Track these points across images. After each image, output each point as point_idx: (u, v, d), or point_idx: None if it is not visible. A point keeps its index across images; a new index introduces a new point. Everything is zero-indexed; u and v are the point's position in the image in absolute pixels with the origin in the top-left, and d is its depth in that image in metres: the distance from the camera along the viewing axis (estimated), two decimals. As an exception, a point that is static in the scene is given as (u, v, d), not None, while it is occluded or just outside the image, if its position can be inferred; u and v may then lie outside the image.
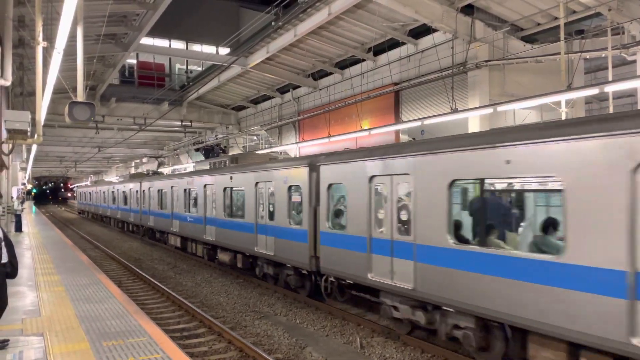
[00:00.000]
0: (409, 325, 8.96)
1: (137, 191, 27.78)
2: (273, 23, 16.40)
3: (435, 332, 8.24)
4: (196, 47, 36.47)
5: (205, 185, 17.52)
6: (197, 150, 32.69)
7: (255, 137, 31.00)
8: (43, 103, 12.46)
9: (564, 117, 11.97)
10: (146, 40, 24.42)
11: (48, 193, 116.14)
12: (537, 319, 6.20)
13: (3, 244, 6.68)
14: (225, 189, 15.94)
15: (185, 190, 19.64)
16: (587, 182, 5.70)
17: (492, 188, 7.45)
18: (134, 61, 33.42)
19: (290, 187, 12.08)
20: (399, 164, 8.60)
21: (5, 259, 6.65)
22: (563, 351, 6.10)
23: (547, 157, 6.15)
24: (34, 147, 28.54)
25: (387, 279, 8.85)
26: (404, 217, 8.51)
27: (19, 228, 25.17)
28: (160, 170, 33.33)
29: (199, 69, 33.88)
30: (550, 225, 6.89)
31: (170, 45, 34.74)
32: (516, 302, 6.46)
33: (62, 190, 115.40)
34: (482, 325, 7.33)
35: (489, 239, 7.21)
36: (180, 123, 31.36)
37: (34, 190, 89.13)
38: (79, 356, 6.31)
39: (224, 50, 29.85)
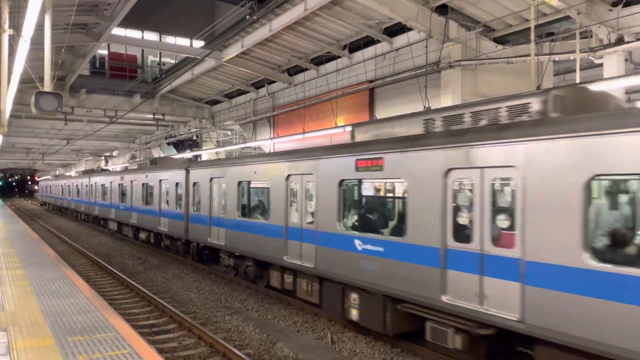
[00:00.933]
0: (233, 271, 14.08)
1: (86, 185, 32.89)
2: (248, 17, 16.22)
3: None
4: (170, 39, 35.93)
5: (131, 181, 22.64)
6: (169, 144, 32.28)
7: (229, 132, 30.72)
8: (9, 93, 12.07)
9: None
10: (118, 31, 23.94)
11: (14, 185, 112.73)
12: (266, 255, 11.62)
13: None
14: (143, 184, 21.08)
15: (119, 184, 24.60)
16: (276, 184, 11.30)
17: (252, 186, 12.97)
18: (105, 52, 32.69)
19: (177, 183, 17.52)
20: (219, 171, 14.30)
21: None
22: (279, 271, 11.52)
23: (265, 171, 11.93)
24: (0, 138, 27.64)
25: (216, 241, 14.29)
26: (222, 202, 14.04)
27: (-18, 221, 24.38)
28: (106, 167, 38.51)
29: (173, 61, 33.36)
30: (266, 205, 12.13)
31: (143, 37, 34.10)
32: (264, 248, 11.72)
33: (29, 183, 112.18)
34: (257, 263, 12.58)
35: (252, 214, 12.91)
36: (152, 116, 30.82)
37: (0, 183, 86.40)
38: (43, 352, 6.18)
39: (198, 43, 29.50)
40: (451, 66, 14.39)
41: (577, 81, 11.65)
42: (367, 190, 9.49)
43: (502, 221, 6.52)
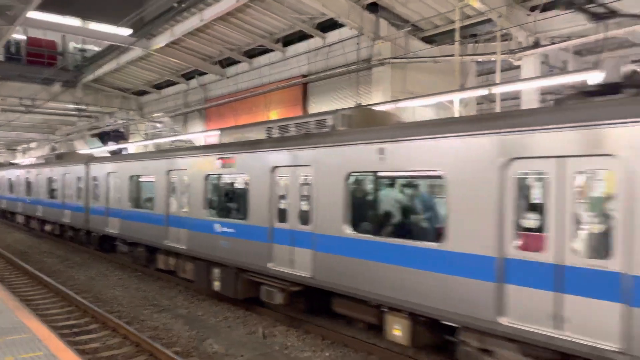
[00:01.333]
0: (131, 258, 14.94)
1: None
2: (176, 5, 15.68)
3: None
4: (93, 25, 33.98)
5: (37, 175, 23.38)
6: (93, 136, 30.69)
7: (158, 124, 29.62)
8: None
9: (457, 115, 12.76)
10: (36, 15, 22.36)
11: None
12: (152, 240, 13.19)
13: None
14: (48, 178, 21.88)
15: (25, 179, 25.27)
16: (159, 178, 12.91)
17: (142, 180, 14.29)
18: (22, 37, 30.47)
19: (78, 177, 18.46)
20: (115, 166, 15.67)
21: None
22: (164, 255, 13.01)
23: (151, 167, 13.44)
24: None
25: (113, 230, 15.54)
26: (118, 195, 15.26)
27: None
28: (14, 161, 38.33)
29: (97, 48, 31.63)
30: (152, 197, 13.40)
31: (63, 22, 32.02)
32: (150, 234, 13.23)
33: None
34: (147, 249, 13.82)
35: (141, 205, 14.29)
36: (74, 106, 29.13)
37: None
38: (-53, 359, 5.71)
39: (125, 31, 28.14)
40: (382, 63, 14.72)
41: (497, 81, 12.27)
42: (224, 183, 11.43)
43: (304, 206, 8.76)
